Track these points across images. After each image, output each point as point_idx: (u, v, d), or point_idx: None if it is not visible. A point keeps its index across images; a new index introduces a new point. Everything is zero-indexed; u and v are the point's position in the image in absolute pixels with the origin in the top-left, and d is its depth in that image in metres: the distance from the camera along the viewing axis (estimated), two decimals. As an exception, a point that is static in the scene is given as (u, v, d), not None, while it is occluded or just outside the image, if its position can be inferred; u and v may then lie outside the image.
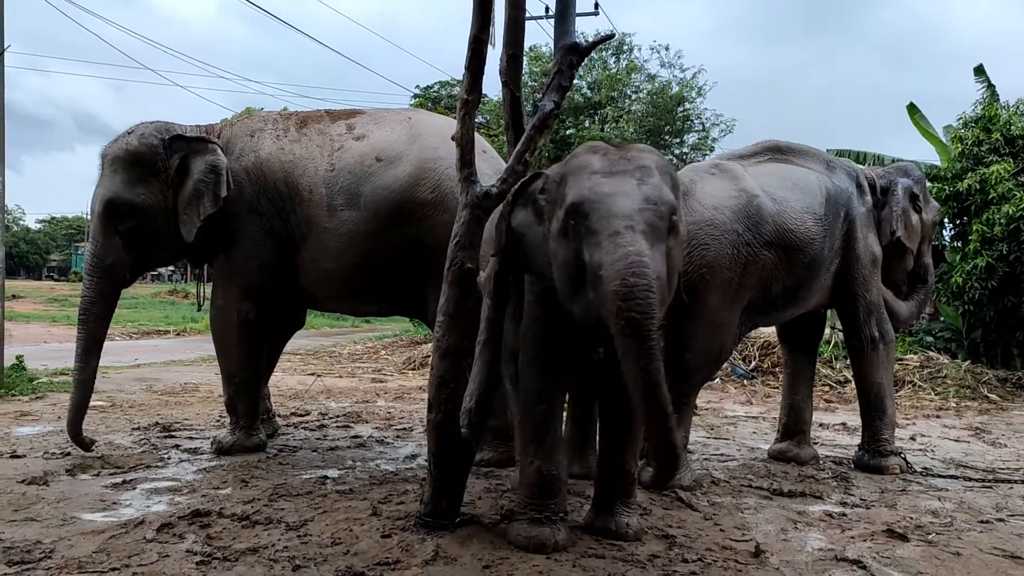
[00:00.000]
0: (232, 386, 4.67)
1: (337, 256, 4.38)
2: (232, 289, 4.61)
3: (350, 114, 4.75)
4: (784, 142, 4.74)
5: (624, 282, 2.29)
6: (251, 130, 4.69)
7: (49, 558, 2.75)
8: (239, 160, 4.56)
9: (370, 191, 4.32)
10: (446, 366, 3.08)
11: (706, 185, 4.18)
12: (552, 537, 2.89)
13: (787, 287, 4.32)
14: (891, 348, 4.72)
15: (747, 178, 4.28)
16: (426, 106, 27.54)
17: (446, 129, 4.37)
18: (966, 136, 11.67)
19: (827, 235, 4.39)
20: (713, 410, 7.32)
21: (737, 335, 4.33)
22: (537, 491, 2.98)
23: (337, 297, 4.73)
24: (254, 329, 4.62)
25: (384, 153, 4.39)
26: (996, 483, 4.43)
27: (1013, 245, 10.52)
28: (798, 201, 4.32)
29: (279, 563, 2.74)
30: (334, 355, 12.24)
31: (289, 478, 4.00)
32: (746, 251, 4.06)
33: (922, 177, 5.13)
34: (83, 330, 4.51)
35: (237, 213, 4.50)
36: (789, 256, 4.22)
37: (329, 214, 4.37)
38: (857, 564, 2.92)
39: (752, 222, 4.10)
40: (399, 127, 4.52)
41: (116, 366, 9.24)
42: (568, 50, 3.17)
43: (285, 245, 4.51)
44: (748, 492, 4.02)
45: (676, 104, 23.43)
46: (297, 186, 4.45)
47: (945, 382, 9.03)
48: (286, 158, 4.51)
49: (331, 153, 4.47)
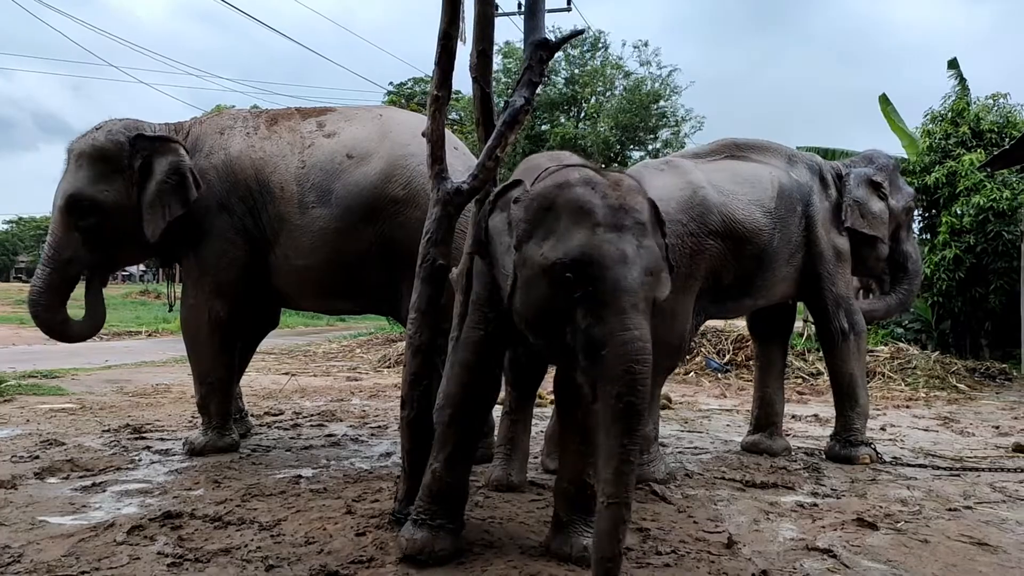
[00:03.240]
0: (204, 386, 4.62)
1: (309, 253, 4.36)
2: (203, 288, 4.55)
3: (321, 112, 4.72)
4: (743, 139, 4.76)
5: (629, 369, 2.23)
6: (221, 127, 4.66)
7: (18, 562, 2.70)
8: (208, 158, 4.53)
9: (341, 188, 4.31)
10: (419, 363, 3.07)
11: (655, 180, 4.19)
12: (431, 544, 2.74)
13: (738, 277, 4.35)
14: (862, 339, 4.79)
15: (695, 172, 4.32)
16: (399, 103, 27.46)
17: (417, 126, 4.35)
18: (934, 130, 11.84)
19: (778, 227, 4.40)
20: (687, 403, 7.37)
21: (693, 325, 4.35)
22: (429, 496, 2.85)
23: (310, 295, 4.69)
24: (226, 328, 4.58)
25: (355, 150, 4.37)
26: (964, 471, 4.51)
27: (980, 236, 10.71)
28: (746, 194, 4.35)
29: (252, 563, 2.72)
30: (309, 354, 12.18)
31: (262, 478, 3.97)
32: (691, 241, 4.08)
33: (889, 164, 5.12)
34: (37, 320, 4.64)
35: (207, 211, 4.46)
36: (737, 247, 4.25)
37: (300, 211, 4.35)
38: (828, 553, 2.95)
39: (696, 212, 4.13)
40: (370, 124, 4.50)
41: (86, 368, 9.12)
42: (538, 46, 3.16)
43: (256, 243, 4.48)
44: (721, 484, 4.06)
45: (652, 101, 23.53)
46: (268, 183, 4.42)
47: (915, 373, 9.17)
48: (256, 155, 4.48)
49: (302, 150, 4.44)
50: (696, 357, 10.00)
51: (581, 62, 24.39)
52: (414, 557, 2.71)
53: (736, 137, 4.78)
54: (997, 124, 11.45)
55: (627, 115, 22.84)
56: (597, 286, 2.30)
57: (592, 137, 22.07)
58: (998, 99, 11.86)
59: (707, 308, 4.42)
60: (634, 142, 24.10)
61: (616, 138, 23.02)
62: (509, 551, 2.87)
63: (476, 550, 2.87)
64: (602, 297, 2.30)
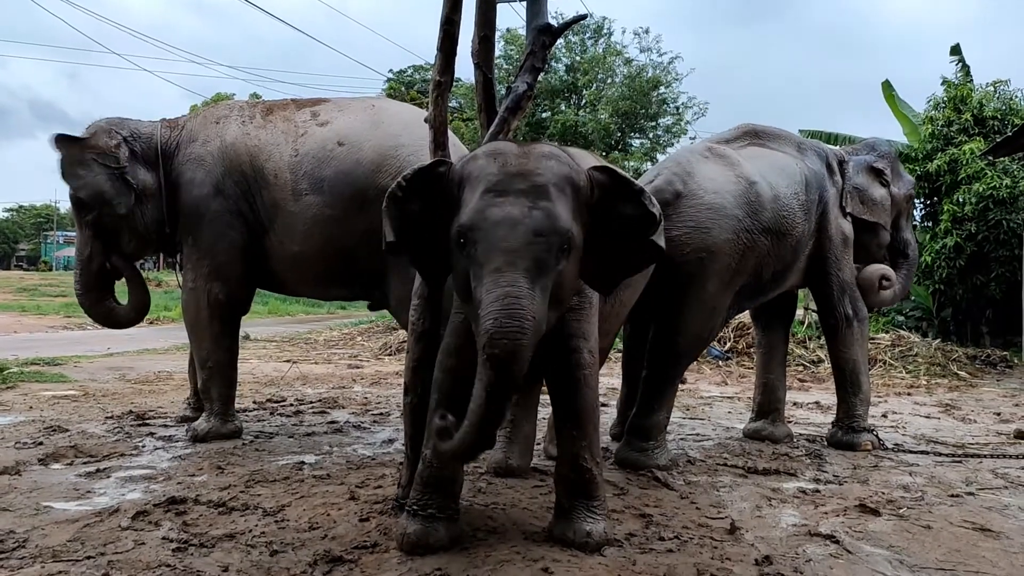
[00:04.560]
0: (205, 370, 4.67)
1: (303, 240, 4.43)
2: (201, 271, 4.62)
3: (315, 102, 4.81)
4: (759, 126, 4.77)
5: (496, 323, 2.26)
6: (217, 117, 4.78)
7: (23, 547, 2.71)
8: (204, 146, 4.66)
9: (332, 176, 4.37)
10: (421, 349, 3.07)
11: (705, 169, 4.19)
12: (425, 538, 2.72)
13: (775, 271, 4.36)
14: (865, 326, 4.79)
15: (744, 164, 4.30)
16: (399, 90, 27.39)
17: (409, 116, 4.52)
18: (937, 117, 11.79)
19: (807, 218, 4.44)
20: (689, 391, 7.39)
21: (725, 319, 4.37)
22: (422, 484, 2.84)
23: (305, 281, 4.75)
24: (225, 311, 4.65)
25: (346, 139, 4.43)
26: (966, 458, 4.52)
27: (981, 224, 10.69)
28: (787, 187, 4.36)
29: (256, 548, 2.73)
30: (310, 341, 12.20)
31: (266, 464, 3.98)
32: (746, 237, 4.08)
33: (889, 151, 5.15)
34: (89, 315, 5.27)
35: (204, 196, 4.56)
36: (780, 241, 4.26)
37: (294, 198, 4.42)
38: (830, 539, 2.96)
39: (752, 208, 4.12)
40: (362, 114, 4.56)
41: (89, 355, 9.14)
42: (540, 31, 3.15)
43: (252, 227, 4.57)
44: (723, 471, 4.07)
45: (652, 88, 23.43)
46: (263, 170, 4.50)
47: (916, 360, 9.18)
48: (251, 143, 4.57)
49: (295, 139, 4.52)
50: (697, 345, 10.00)
51: (582, 49, 24.29)
52: (411, 551, 2.70)
53: (755, 124, 4.78)
54: (999, 111, 11.41)
55: (628, 102, 22.75)
56: (477, 247, 2.39)
57: (593, 124, 21.99)
58: (999, 86, 11.82)
59: (742, 303, 4.43)
60: (634, 129, 24.02)
61: (616, 125, 22.94)
62: (512, 537, 2.88)
63: (479, 536, 2.87)
64: (481, 257, 2.38)
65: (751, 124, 4.78)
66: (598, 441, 2.95)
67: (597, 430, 2.94)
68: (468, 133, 22.39)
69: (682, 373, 4.35)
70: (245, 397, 6.36)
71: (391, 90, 27.59)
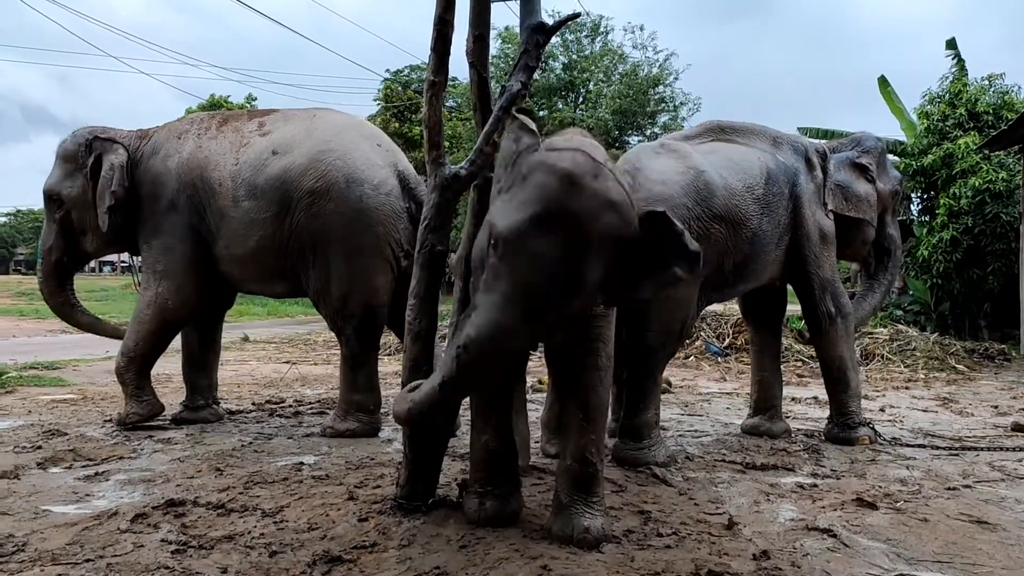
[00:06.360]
0: (125, 357, 5.03)
1: (242, 242, 4.82)
2: (153, 275, 5.01)
3: (266, 113, 5.19)
4: (727, 122, 4.73)
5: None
6: (179, 132, 5.16)
7: (22, 551, 2.72)
8: (165, 161, 5.03)
9: (264, 181, 4.73)
10: (418, 348, 3.08)
11: (653, 163, 4.17)
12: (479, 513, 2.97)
13: (736, 263, 4.32)
14: (849, 321, 4.75)
15: (694, 155, 4.28)
16: (396, 89, 27.34)
17: (347, 125, 4.95)
18: (932, 111, 11.79)
19: (768, 211, 4.37)
20: (687, 387, 7.39)
21: (695, 312, 4.35)
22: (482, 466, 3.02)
23: (251, 279, 5.10)
24: (167, 315, 5.01)
25: (280, 147, 4.80)
26: (963, 451, 4.53)
27: (978, 218, 10.71)
28: (739, 179, 4.30)
29: (255, 549, 2.73)
30: (309, 343, 12.18)
31: (264, 465, 3.99)
32: (697, 225, 4.02)
33: (876, 146, 5.07)
34: (47, 304, 5.51)
35: (159, 212, 4.98)
36: (736, 231, 4.22)
37: (234, 204, 4.79)
38: (827, 533, 2.97)
39: (701, 196, 4.09)
40: (301, 123, 4.93)
41: (87, 358, 9.13)
42: (534, 30, 3.15)
43: (203, 237, 4.94)
44: (722, 467, 4.07)
45: (651, 86, 23.45)
46: (210, 180, 4.87)
47: (914, 354, 9.19)
48: (202, 155, 4.95)
49: (238, 149, 4.90)
50: (696, 341, 10.02)
51: (579, 48, 24.29)
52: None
53: (721, 120, 4.76)
54: (993, 105, 11.42)
55: (626, 100, 22.77)
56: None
57: (592, 122, 22.00)
58: (994, 80, 11.82)
59: (709, 295, 4.41)
60: (632, 127, 24.04)
61: (615, 123, 22.96)
62: (511, 534, 2.88)
63: (479, 533, 2.88)
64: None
65: (717, 121, 4.75)
66: (604, 440, 3.02)
67: (604, 429, 3.02)
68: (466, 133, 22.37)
69: (662, 369, 4.31)
70: (244, 398, 6.37)
71: (388, 90, 27.53)
